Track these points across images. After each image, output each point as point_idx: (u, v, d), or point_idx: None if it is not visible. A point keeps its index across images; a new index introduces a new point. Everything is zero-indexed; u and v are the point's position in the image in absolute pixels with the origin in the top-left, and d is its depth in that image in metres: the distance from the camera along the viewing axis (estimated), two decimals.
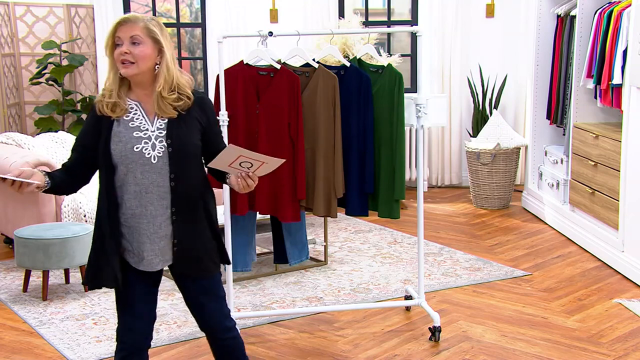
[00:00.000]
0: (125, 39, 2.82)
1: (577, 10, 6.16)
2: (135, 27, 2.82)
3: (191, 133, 2.90)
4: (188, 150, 2.89)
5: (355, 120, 4.31)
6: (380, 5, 8.70)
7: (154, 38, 2.85)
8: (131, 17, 2.84)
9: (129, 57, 2.83)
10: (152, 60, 2.85)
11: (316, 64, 4.29)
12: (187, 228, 2.94)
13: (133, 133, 2.87)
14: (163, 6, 8.51)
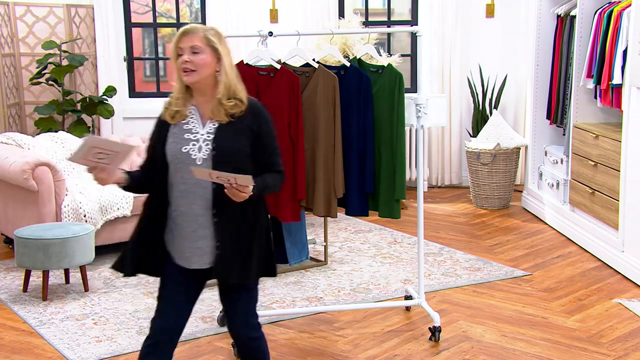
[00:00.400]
0: (186, 48, 2.99)
1: (577, 10, 6.16)
2: (195, 38, 2.99)
3: (238, 139, 3.02)
4: (231, 155, 3.00)
5: (355, 120, 4.31)
6: (380, 5, 8.70)
7: (213, 47, 3.01)
8: (192, 28, 3.02)
9: (189, 65, 2.98)
10: (211, 67, 3.01)
11: (316, 64, 4.29)
12: (228, 232, 3.04)
13: (184, 135, 3.04)
14: (163, 6, 8.51)
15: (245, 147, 3.03)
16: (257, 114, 3.07)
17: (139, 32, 8.38)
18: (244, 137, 3.03)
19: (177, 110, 3.06)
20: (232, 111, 3.02)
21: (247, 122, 3.04)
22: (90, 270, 5.46)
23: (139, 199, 5.88)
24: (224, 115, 3.01)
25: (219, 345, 4.27)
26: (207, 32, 3.02)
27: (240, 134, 3.03)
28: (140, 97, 8.15)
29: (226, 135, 3.01)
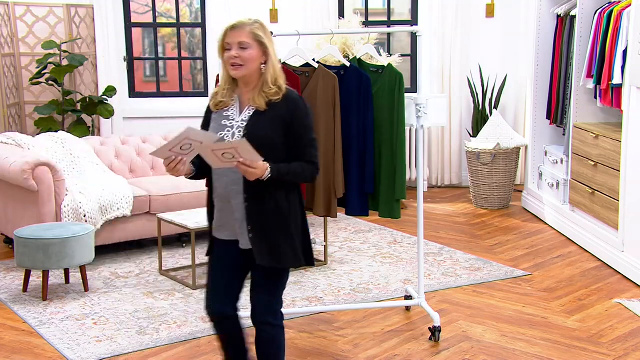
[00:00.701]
0: (234, 44, 3.10)
1: (577, 10, 6.16)
2: (243, 33, 3.10)
3: (270, 127, 3.12)
4: (261, 141, 3.06)
5: (355, 120, 4.31)
6: (380, 5, 8.70)
7: (260, 41, 3.12)
8: (239, 23, 3.12)
9: (238, 60, 3.10)
10: (258, 61, 3.13)
11: (316, 64, 4.29)
12: (259, 217, 3.14)
13: (222, 121, 3.19)
14: (163, 6, 8.51)
15: (276, 136, 3.13)
16: (292, 105, 3.15)
17: (139, 32, 8.38)
18: (276, 126, 3.12)
19: (221, 100, 3.20)
20: (272, 98, 3.13)
21: (282, 112, 3.13)
22: (90, 270, 5.46)
23: (138, 199, 5.89)
24: (264, 102, 3.12)
25: (219, 345, 4.27)
26: (253, 27, 3.12)
27: (273, 122, 3.12)
28: (140, 97, 8.16)
29: (259, 122, 3.12)
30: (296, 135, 3.16)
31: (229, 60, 3.11)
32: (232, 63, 3.10)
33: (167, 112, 8.02)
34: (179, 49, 8.26)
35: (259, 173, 3.03)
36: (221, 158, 3.00)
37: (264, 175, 3.05)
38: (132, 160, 6.59)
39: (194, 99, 8.20)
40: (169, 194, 6.05)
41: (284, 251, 3.17)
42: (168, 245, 6.11)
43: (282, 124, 3.13)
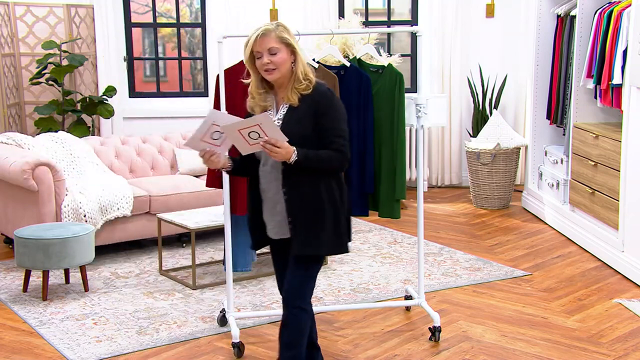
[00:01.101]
0: (264, 51, 3.26)
1: (577, 10, 6.16)
2: (270, 40, 3.26)
3: (302, 123, 3.30)
4: (295, 136, 3.24)
5: (355, 120, 4.31)
6: (380, 5, 8.70)
7: (286, 43, 3.29)
8: (265, 30, 3.27)
9: (271, 65, 3.27)
10: (289, 62, 3.30)
11: (316, 64, 4.29)
12: (298, 208, 3.32)
13: None
14: (163, 6, 8.51)
15: (307, 129, 3.30)
16: (320, 98, 3.31)
17: (139, 32, 8.38)
18: (307, 121, 3.30)
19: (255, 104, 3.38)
20: (303, 92, 3.31)
21: (311, 105, 3.30)
22: (90, 270, 5.46)
23: (138, 199, 5.89)
24: (297, 98, 3.30)
25: (219, 345, 4.28)
26: (278, 31, 3.29)
27: (305, 117, 3.30)
28: (140, 97, 8.16)
29: (292, 119, 3.31)
30: (324, 125, 3.31)
31: (262, 67, 3.27)
32: (265, 69, 3.27)
33: (167, 112, 8.02)
34: (179, 49, 8.26)
35: (283, 153, 3.18)
36: (248, 139, 3.14)
37: (291, 157, 3.21)
38: (132, 160, 6.59)
39: (194, 99, 8.20)
40: (169, 194, 6.05)
41: (320, 240, 3.34)
42: (168, 245, 6.11)
43: (312, 116, 3.29)
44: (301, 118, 3.30)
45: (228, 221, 4.27)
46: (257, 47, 3.26)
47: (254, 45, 3.27)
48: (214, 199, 6.16)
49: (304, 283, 3.41)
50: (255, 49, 3.27)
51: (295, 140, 3.23)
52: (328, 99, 3.34)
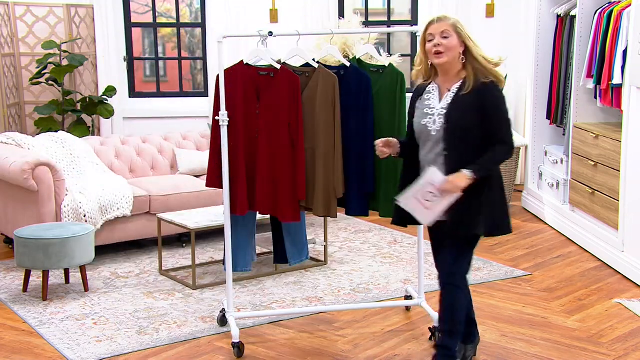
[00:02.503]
0: (437, 34, 3.49)
1: (577, 10, 6.16)
2: (444, 24, 3.50)
3: (467, 113, 3.48)
4: (460, 127, 3.46)
5: (355, 120, 4.31)
6: (380, 5, 8.70)
7: (459, 32, 3.50)
8: (442, 16, 3.53)
9: (441, 48, 3.48)
10: (457, 50, 3.50)
11: (316, 64, 4.29)
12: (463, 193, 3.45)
13: (424, 110, 3.59)
14: (163, 6, 8.51)
15: (473, 121, 3.47)
16: (484, 90, 3.49)
17: (139, 32, 8.38)
18: (472, 112, 3.47)
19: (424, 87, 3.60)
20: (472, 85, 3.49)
21: (476, 97, 3.47)
22: (90, 270, 5.46)
23: (138, 199, 5.89)
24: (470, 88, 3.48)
25: (218, 345, 4.28)
26: (453, 20, 3.53)
27: (470, 109, 3.47)
28: (140, 97, 8.16)
29: (457, 109, 3.48)
30: (490, 118, 3.48)
31: (432, 49, 3.49)
32: (435, 51, 3.48)
33: (167, 112, 8.02)
34: (179, 49, 8.26)
35: (461, 186, 3.43)
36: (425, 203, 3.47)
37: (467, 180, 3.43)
38: (132, 160, 6.59)
39: (194, 99, 8.21)
40: (169, 194, 6.05)
41: (477, 221, 3.51)
42: (168, 245, 6.11)
43: (477, 108, 3.47)
44: (466, 109, 3.47)
45: (228, 221, 4.28)
46: (432, 30, 3.49)
47: (429, 27, 3.50)
48: (214, 199, 6.16)
49: (458, 262, 3.58)
50: (429, 32, 3.50)
51: (459, 129, 3.46)
52: (493, 90, 3.52)
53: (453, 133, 3.48)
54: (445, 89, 3.56)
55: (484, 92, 3.49)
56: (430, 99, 3.59)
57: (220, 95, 4.16)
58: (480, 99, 3.47)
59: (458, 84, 3.54)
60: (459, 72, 3.55)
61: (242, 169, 4.25)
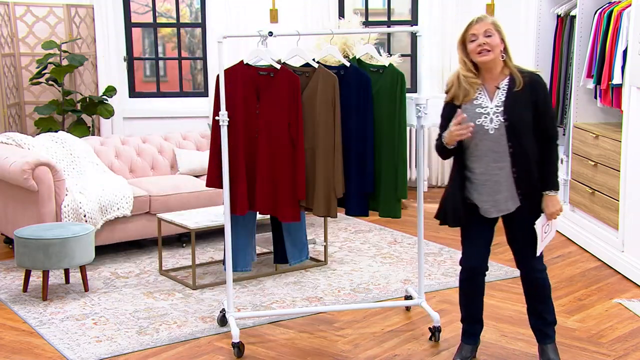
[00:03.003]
0: (480, 33, 3.59)
1: (577, 10, 6.16)
2: (486, 24, 3.61)
3: (522, 109, 3.58)
4: (519, 123, 3.57)
5: (355, 120, 4.31)
6: (380, 5, 8.70)
7: (499, 31, 3.60)
8: (483, 16, 3.66)
9: (486, 46, 3.57)
10: (500, 48, 3.59)
11: (316, 64, 4.29)
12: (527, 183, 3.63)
13: (476, 110, 3.63)
14: (163, 6, 8.51)
15: (528, 117, 3.58)
16: (535, 86, 3.60)
17: (139, 32, 8.38)
18: (527, 107, 3.58)
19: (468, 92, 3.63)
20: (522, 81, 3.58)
21: (528, 94, 3.57)
22: (90, 270, 5.46)
23: (138, 199, 5.89)
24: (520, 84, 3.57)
25: (218, 345, 4.28)
26: (493, 19, 3.65)
27: (524, 105, 3.57)
28: (140, 97, 8.16)
29: (513, 106, 3.57)
30: (542, 113, 3.60)
31: (477, 49, 3.57)
32: (479, 50, 3.56)
33: (167, 112, 8.02)
34: (179, 49, 8.26)
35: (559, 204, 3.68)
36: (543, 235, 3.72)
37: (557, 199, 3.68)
38: (132, 160, 6.59)
39: (194, 99, 8.21)
40: (169, 194, 6.05)
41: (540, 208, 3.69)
42: (168, 245, 6.11)
43: (531, 103, 3.57)
44: (521, 106, 3.56)
45: (228, 221, 4.27)
46: (474, 30, 3.59)
47: (470, 28, 3.61)
48: (214, 199, 6.16)
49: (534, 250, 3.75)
50: (471, 32, 3.59)
51: (517, 125, 3.56)
52: (543, 85, 3.64)
53: (513, 129, 3.58)
54: (493, 87, 3.63)
55: (537, 87, 3.61)
56: (478, 98, 3.64)
57: (220, 95, 4.16)
58: (534, 94, 3.59)
59: (506, 80, 3.62)
60: (502, 70, 3.64)
61: (242, 169, 4.25)
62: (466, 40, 3.62)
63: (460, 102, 3.66)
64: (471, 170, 3.70)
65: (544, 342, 3.93)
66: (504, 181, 3.64)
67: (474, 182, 3.70)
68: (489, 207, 3.71)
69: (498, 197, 3.67)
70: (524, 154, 3.61)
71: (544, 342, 3.92)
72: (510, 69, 3.63)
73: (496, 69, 3.64)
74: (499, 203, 3.69)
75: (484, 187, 3.68)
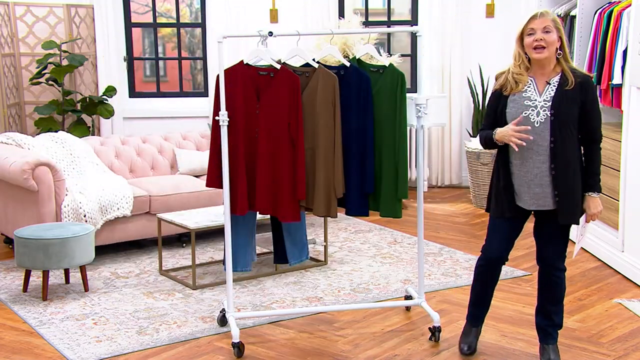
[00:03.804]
0: (539, 29, 3.60)
1: (577, 10, 6.16)
2: (547, 20, 3.61)
3: (570, 106, 3.62)
4: (565, 119, 3.61)
5: (355, 120, 4.31)
6: (380, 5, 8.70)
7: (558, 28, 3.62)
8: (544, 11, 3.65)
9: (542, 42, 3.60)
10: (556, 45, 3.63)
11: (316, 64, 4.29)
12: (563, 181, 3.67)
13: (524, 102, 3.68)
14: (163, 6, 8.51)
15: (575, 113, 3.63)
16: (586, 85, 3.65)
17: (139, 32, 8.38)
18: (576, 106, 3.62)
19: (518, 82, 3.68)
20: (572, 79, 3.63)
21: (577, 92, 3.62)
22: (90, 270, 5.46)
23: (138, 199, 5.89)
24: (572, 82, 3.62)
25: (218, 345, 4.28)
26: (553, 16, 3.65)
27: (574, 102, 3.62)
28: (140, 97, 8.16)
29: (561, 102, 3.62)
30: (589, 112, 3.66)
31: (533, 43, 3.60)
32: (535, 46, 3.60)
33: (167, 112, 8.02)
34: (179, 49, 8.26)
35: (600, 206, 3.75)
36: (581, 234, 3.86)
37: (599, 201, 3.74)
38: (132, 160, 6.59)
39: (194, 99, 8.21)
40: (169, 194, 6.05)
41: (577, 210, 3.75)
42: (168, 245, 6.11)
43: (580, 102, 3.63)
44: (569, 102, 3.61)
45: (228, 221, 4.27)
46: (533, 24, 3.59)
47: (531, 22, 3.60)
48: (214, 199, 6.16)
49: (560, 249, 3.85)
50: (530, 26, 3.60)
51: (563, 120, 3.61)
52: (592, 86, 3.68)
53: (559, 124, 3.62)
54: (544, 82, 3.68)
55: (587, 87, 3.65)
56: (527, 91, 3.69)
57: (220, 95, 4.16)
58: (583, 94, 3.64)
59: (557, 77, 3.67)
60: (555, 67, 3.68)
61: (242, 169, 4.25)
62: (524, 33, 3.65)
63: (508, 92, 3.71)
64: (513, 162, 3.77)
65: (546, 342, 3.96)
66: (544, 177, 3.70)
67: (515, 173, 3.76)
68: (528, 198, 3.76)
69: (537, 190, 3.73)
70: (564, 151, 3.65)
71: (547, 342, 3.96)
72: (563, 67, 3.68)
73: (549, 66, 3.68)
74: (538, 197, 3.74)
75: (524, 179, 3.74)
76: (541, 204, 3.76)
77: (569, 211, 3.73)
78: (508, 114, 3.71)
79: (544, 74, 3.69)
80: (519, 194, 3.78)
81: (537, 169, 3.70)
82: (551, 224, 3.82)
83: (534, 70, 3.71)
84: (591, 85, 3.68)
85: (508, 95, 3.72)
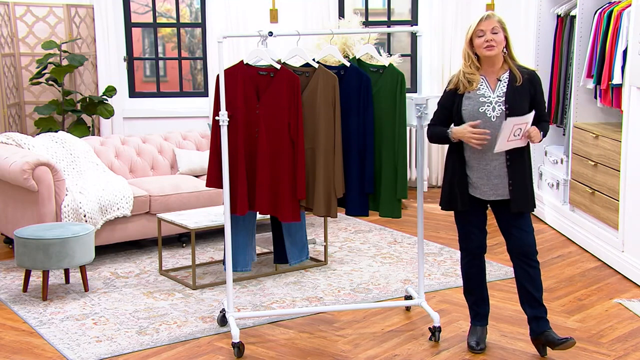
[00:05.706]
0: (488, 30, 3.91)
1: (577, 10, 6.16)
2: (493, 21, 3.94)
3: (522, 100, 3.91)
4: (519, 113, 3.85)
5: (355, 120, 4.31)
6: (380, 5, 8.70)
7: (504, 28, 3.96)
8: (491, 14, 3.98)
9: (492, 42, 3.89)
10: (503, 44, 3.93)
11: (316, 64, 4.29)
12: (516, 173, 3.93)
13: (479, 99, 3.92)
14: (163, 6, 8.51)
15: (526, 107, 3.90)
16: (533, 81, 3.94)
17: (139, 32, 8.38)
18: (525, 99, 3.91)
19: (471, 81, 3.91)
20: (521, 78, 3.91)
21: (527, 87, 3.91)
22: (90, 270, 5.46)
23: (138, 199, 5.89)
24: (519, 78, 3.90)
25: (218, 345, 4.28)
26: (499, 17, 3.99)
27: (524, 96, 3.91)
28: (140, 97, 8.16)
29: (514, 97, 3.89)
30: (539, 102, 3.96)
31: (484, 44, 3.88)
32: (486, 46, 3.88)
33: (167, 112, 8.02)
34: (179, 49, 8.26)
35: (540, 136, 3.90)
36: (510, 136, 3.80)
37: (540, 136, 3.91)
38: (132, 160, 6.59)
39: (194, 99, 8.20)
40: (169, 194, 6.05)
41: (532, 198, 4.00)
42: (168, 245, 6.11)
43: (528, 95, 3.92)
44: (521, 96, 3.89)
45: (228, 221, 4.28)
46: (482, 26, 3.89)
47: (479, 24, 3.90)
48: (214, 199, 6.16)
49: (527, 239, 4.02)
50: (480, 28, 3.89)
51: (520, 112, 3.84)
52: (539, 79, 3.98)
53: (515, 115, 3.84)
54: (494, 80, 3.94)
55: (535, 82, 3.95)
56: (480, 89, 3.93)
57: (220, 95, 4.16)
58: (532, 88, 3.93)
59: (506, 74, 3.95)
60: (502, 64, 3.96)
61: (242, 169, 4.25)
62: (474, 35, 3.92)
63: (462, 91, 3.94)
64: (471, 156, 3.98)
65: (545, 328, 4.04)
66: (502, 168, 3.93)
67: (474, 166, 3.97)
68: (487, 189, 3.97)
69: (496, 181, 3.95)
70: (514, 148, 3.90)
71: (547, 328, 4.04)
72: (510, 65, 3.95)
73: (498, 63, 3.96)
74: (497, 187, 3.95)
75: (484, 171, 3.94)
76: (500, 194, 3.96)
77: (521, 199, 3.95)
78: (464, 111, 3.93)
79: (494, 71, 3.96)
80: (478, 186, 3.97)
81: (496, 161, 3.93)
82: (509, 216, 4.01)
83: (484, 69, 3.97)
84: (537, 79, 3.98)
85: (463, 93, 3.95)
